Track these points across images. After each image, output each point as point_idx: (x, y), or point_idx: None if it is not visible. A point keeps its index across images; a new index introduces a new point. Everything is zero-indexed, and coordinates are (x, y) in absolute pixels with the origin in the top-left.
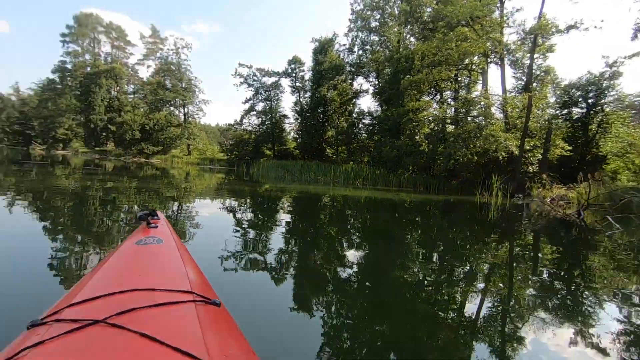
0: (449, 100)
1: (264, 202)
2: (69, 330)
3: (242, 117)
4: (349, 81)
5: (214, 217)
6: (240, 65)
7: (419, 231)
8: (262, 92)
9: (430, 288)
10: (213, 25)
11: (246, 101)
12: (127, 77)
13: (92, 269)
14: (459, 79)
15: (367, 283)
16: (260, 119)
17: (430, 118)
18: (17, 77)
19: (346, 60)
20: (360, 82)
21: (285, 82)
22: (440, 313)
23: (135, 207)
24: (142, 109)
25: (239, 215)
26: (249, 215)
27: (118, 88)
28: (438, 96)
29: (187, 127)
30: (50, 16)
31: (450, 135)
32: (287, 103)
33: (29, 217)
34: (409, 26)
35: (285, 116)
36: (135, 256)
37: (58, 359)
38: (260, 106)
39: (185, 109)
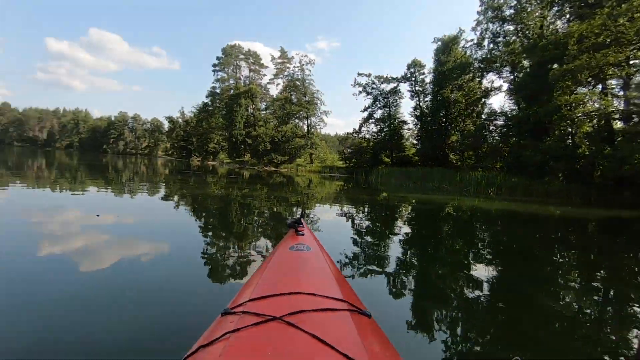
0: (617, 89)
1: (382, 210)
2: (255, 322)
3: (361, 126)
4: (477, 79)
5: (334, 223)
6: (359, 74)
7: (574, 253)
8: (381, 99)
9: (590, 325)
10: (332, 41)
11: (365, 109)
12: (260, 95)
13: (258, 269)
14: (633, 62)
15: (499, 304)
16: (378, 126)
17: (592, 113)
18: (183, 103)
19: (474, 56)
20: (491, 80)
21: (404, 88)
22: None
23: (269, 210)
24: (272, 123)
25: (357, 222)
26: (367, 222)
27: (253, 106)
28: (600, 86)
29: (310, 137)
30: (208, 54)
31: (622, 134)
32: (406, 109)
33: (196, 219)
34: (555, 8)
35: (404, 122)
36: (291, 261)
37: (250, 345)
38: (378, 113)
39: (309, 121)
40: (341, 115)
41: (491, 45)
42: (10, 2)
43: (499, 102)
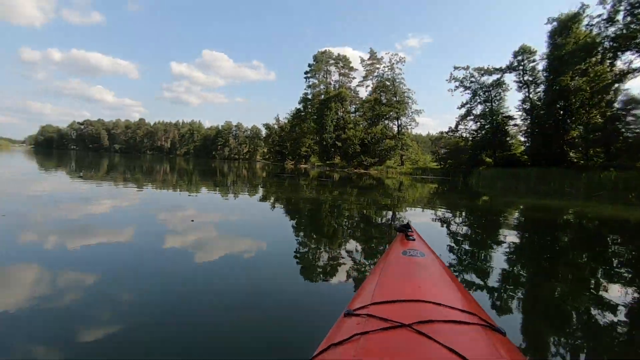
0: None
1: (484, 216)
2: (383, 327)
3: (457, 123)
4: (608, 61)
5: (428, 228)
6: (455, 68)
7: None
8: (481, 93)
9: None
10: (423, 37)
11: (462, 106)
12: (350, 98)
13: (372, 272)
14: None
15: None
16: (478, 123)
17: None
18: (279, 111)
19: (603, 34)
20: (627, 60)
21: (510, 79)
22: None
23: (364, 213)
24: (361, 125)
25: (454, 229)
26: (466, 229)
27: (343, 109)
28: None
29: (401, 138)
30: (300, 62)
31: None
32: (512, 102)
33: (294, 220)
34: None
35: (509, 117)
36: (406, 267)
37: (381, 350)
38: (478, 109)
39: (399, 121)
40: (433, 114)
41: (628, 19)
42: (142, 34)
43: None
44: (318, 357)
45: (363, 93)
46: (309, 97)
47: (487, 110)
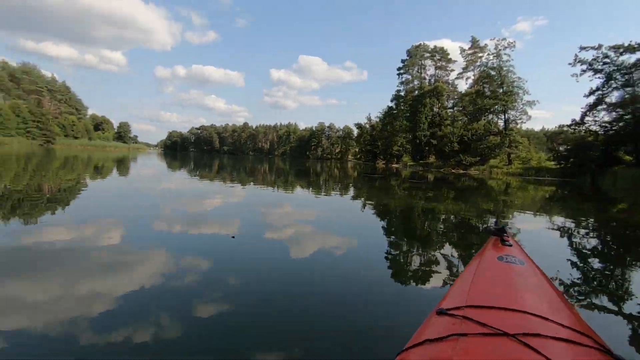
0: None
1: (621, 228)
2: (483, 332)
3: (584, 115)
4: None
5: (540, 237)
6: (582, 48)
7: None
8: (619, 76)
9: None
10: (537, 19)
11: (590, 93)
12: (447, 92)
13: (463, 273)
14: None
15: None
16: (613, 113)
17: None
18: (370, 110)
19: None
20: None
21: None
22: None
23: (457, 215)
24: (460, 121)
25: (577, 240)
26: (594, 242)
27: (439, 104)
28: None
29: (508, 134)
30: (393, 60)
31: None
32: None
33: (384, 220)
34: None
35: None
36: (503, 273)
37: (482, 355)
38: (614, 96)
39: (506, 115)
40: (549, 105)
41: None
42: (248, 46)
43: None
44: (411, 351)
45: (462, 86)
46: (402, 94)
47: (627, 96)
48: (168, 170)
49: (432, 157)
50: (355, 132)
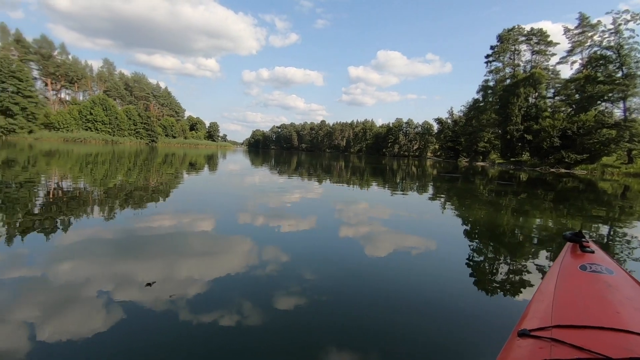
0: None
1: None
2: (580, 357)
3: None
4: None
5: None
6: None
7: None
8: None
9: None
10: None
11: None
12: (546, 80)
13: (542, 287)
14: None
15: None
16: None
17: None
18: (453, 103)
19: None
20: None
21: None
22: None
23: (548, 221)
24: (562, 112)
25: None
26: None
27: (536, 94)
28: None
29: (628, 126)
30: (480, 48)
31: None
32: None
33: (462, 224)
34: None
35: None
36: (591, 285)
37: None
38: None
39: (626, 103)
40: None
41: None
42: (327, 46)
43: None
44: None
45: (566, 72)
46: (490, 84)
47: None
48: (251, 167)
49: (525, 154)
50: (436, 127)
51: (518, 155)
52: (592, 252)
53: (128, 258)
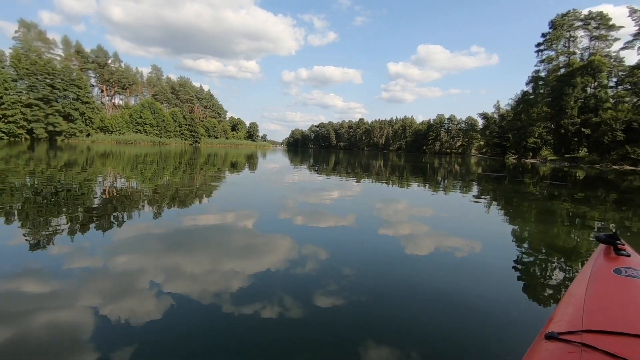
0: None
1: None
2: None
3: None
4: None
5: None
6: None
7: None
8: None
9: None
10: None
11: None
12: (607, 68)
13: (571, 289)
14: None
15: None
16: None
17: None
18: (500, 97)
19: None
20: None
21: None
22: None
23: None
24: (627, 103)
25: None
26: None
27: (595, 84)
28: None
29: None
30: (529, 38)
31: None
32: None
33: (506, 222)
34: None
35: None
36: (626, 290)
37: None
38: None
39: None
40: None
41: None
42: (365, 43)
43: None
44: None
45: (632, 58)
46: (542, 74)
47: None
48: (290, 166)
49: (582, 150)
50: (480, 123)
51: (573, 151)
52: (628, 255)
53: (175, 252)
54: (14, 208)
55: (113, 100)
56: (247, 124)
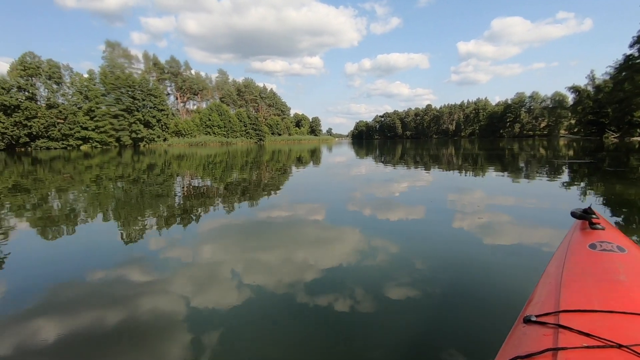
0: None
1: None
2: (587, 345)
3: None
4: None
5: None
6: None
7: None
8: None
9: None
10: None
11: None
12: None
13: (548, 269)
14: None
15: None
16: None
17: None
18: (593, 66)
19: None
20: None
21: None
22: None
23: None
24: None
25: None
26: None
27: None
28: None
29: None
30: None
31: None
32: None
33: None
34: None
35: None
36: (602, 265)
37: None
38: None
39: None
40: None
41: None
42: (431, 24)
43: None
44: None
45: None
46: None
47: None
48: (356, 158)
49: None
50: (571, 98)
51: None
52: (603, 228)
53: (251, 245)
54: (114, 207)
55: (187, 106)
56: (310, 119)
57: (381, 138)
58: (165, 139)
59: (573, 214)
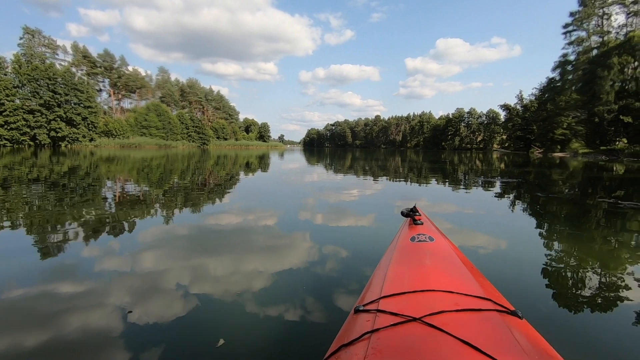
0: None
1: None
2: (393, 323)
3: None
4: None
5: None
6: None
7: None
8: None
9: None
10: None
11: None
12: None
13: (380, 263)
14: None
15: None
16: None
17: None
18: (522, 87)
19: None
20: None
21: None
22: None
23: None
24: None
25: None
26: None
27: (636, 64)
28: None
29: None
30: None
31: None
32: None
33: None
34: None
35: None
36: (416, 254)
37: (392, 348)
38: None
39: None
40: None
41: None
42: (382, 39)
43: None
44: (330, 358)
45: None
46: (570, 58)
47: None
48: (307, 165)
49: (621, 141)
50: (503, 115)
51: (610, 142)
52: (422, 223)
53: (196, 253)
54: (23, 215)
55: (122, 105)
56: (260, 125)
57: (332, 146)
58: (92, 139)
59: (402, 213)
